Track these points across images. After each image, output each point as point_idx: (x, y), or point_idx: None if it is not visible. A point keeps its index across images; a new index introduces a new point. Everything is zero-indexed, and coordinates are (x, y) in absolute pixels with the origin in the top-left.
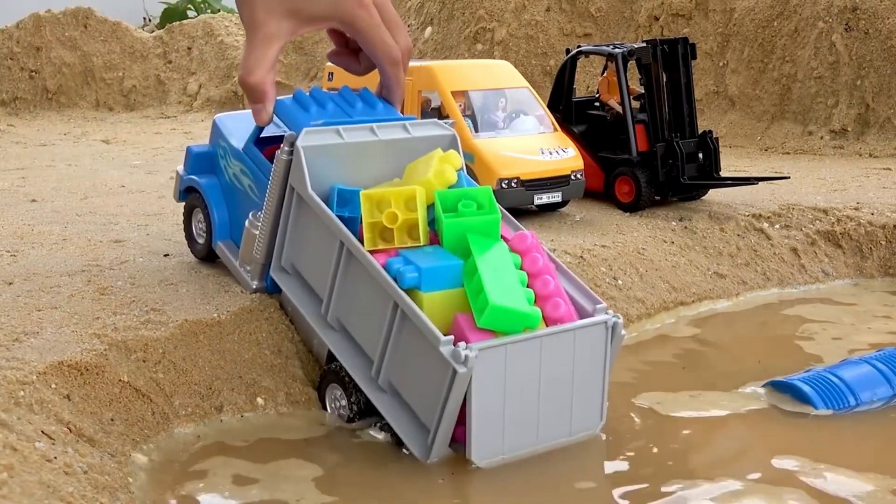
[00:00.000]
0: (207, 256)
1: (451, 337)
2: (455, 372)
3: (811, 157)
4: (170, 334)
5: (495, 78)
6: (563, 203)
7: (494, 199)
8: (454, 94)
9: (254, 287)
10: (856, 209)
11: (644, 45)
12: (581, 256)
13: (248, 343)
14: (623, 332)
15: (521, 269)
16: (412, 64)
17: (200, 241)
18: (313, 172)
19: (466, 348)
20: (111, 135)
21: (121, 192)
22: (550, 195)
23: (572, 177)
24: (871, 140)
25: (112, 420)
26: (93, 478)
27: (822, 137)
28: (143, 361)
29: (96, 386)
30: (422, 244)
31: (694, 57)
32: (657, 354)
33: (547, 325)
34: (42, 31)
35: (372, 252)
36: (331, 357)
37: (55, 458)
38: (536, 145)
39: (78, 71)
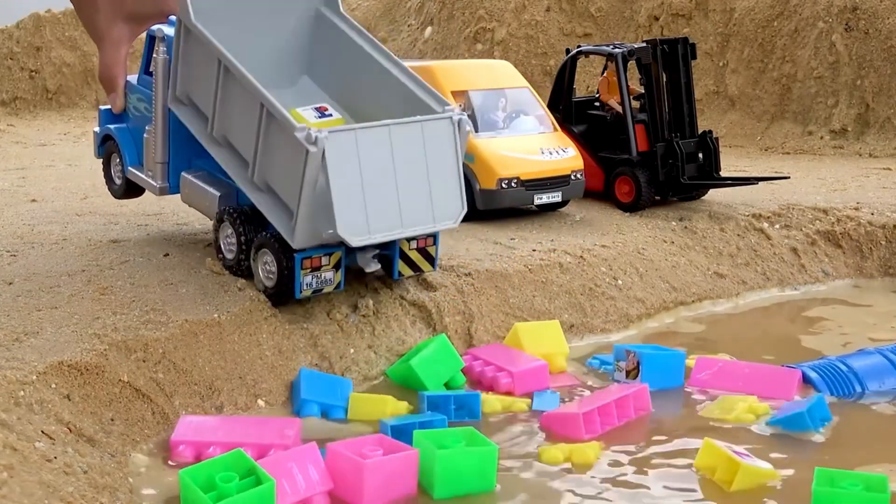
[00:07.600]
0: (124, 194)
1: (305, 125)
2: (308, 152)
3: (811, 157)
4: (170, 334)
5: (495, 78)
6: (563, 203)
7: None
8: (454, 93)
9: (158, 187)
10: (856, 209)
11: (644, 45)
12: (581, 256)
13: (248, 343)
14: (468, 127)
15: None
16: (413, 64)
17: (118, 181)
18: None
19: (318, 131)
20: None
21: None
22: (550, 195)
23: (572, 177)
24: (871, 140)
25: (112, 420)
26: (93, 478)
27: (822, 137)
28: (143, 361)
29: (96, 386)
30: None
31: (694, 57)
32: None
33: None
34: (42, 31)
35: None
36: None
37: (55, 458)
38: (536, 145)
39: (78, 71)
